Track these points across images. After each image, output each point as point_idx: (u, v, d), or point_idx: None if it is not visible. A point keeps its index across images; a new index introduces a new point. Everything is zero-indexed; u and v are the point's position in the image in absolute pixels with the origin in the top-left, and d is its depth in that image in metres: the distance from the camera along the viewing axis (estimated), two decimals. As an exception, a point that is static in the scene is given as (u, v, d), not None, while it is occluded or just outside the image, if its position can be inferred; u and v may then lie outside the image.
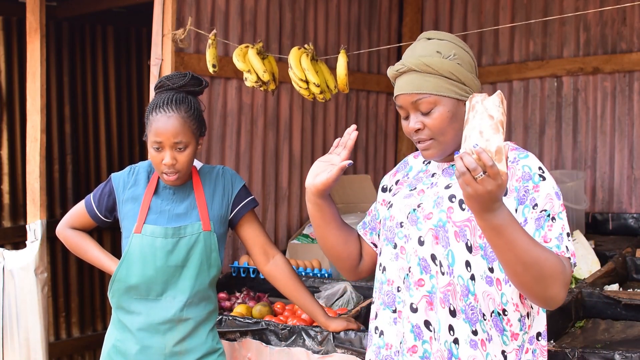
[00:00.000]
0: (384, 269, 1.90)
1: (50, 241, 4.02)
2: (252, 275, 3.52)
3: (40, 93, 3.70)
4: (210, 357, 2.41)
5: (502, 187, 1.48)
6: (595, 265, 3.35)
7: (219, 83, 3.86)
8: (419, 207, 1.81)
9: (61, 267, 5.13)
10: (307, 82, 2.93)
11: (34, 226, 3.66)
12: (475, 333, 1.73)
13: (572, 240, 1.70)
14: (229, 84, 3.91)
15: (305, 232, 4.14)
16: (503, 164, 1.47)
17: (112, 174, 2.48)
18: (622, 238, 4.27)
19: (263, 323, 2.78)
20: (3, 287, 3.74)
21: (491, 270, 1.72)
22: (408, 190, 1.89)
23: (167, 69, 3.17)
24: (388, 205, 1.92)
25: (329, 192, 1.94)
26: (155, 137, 2.26)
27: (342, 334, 2.56)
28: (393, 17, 5.19)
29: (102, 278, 5.36)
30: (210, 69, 3.03)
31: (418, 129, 1.78)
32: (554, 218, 1.67)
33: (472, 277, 1.73)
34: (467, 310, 1.73)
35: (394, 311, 1.86)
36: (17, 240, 4.71)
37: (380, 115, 5.07)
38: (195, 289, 2.36)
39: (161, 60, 3.19)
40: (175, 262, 2.34)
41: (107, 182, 2.47)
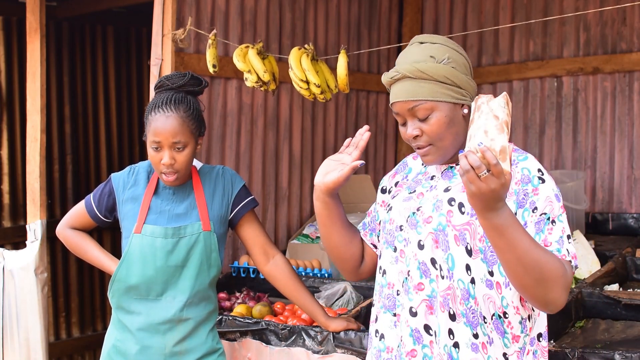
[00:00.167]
0: (384, 272, 1.89)
1: (50, 241, 4.02)
2: (252, 275, 3.52)
3: (40, 93, 3.70)
4: (210, 357, 2.41)
5: (506, 186, 1.48)
6: (595, 265, 3.35)
7: (219, 83, 3.86)
8: (418, 210, 1.81)
9: (61, 267, 5.13)
10: (307, 83, 2.93)
11: (34, 226, 3.66)
12: (476, 336, 1.73)
13: (572, 242, 1.69)
14: (229, 84, 3.91)
15: (305, 232, 4.14)
16: (507, 163, 1.48)
17: (112, 174, 2.48)
18: (622, 238, 4.27)
19: (263, 323, 2.78)
20: (3, 287, 3.74)
21: (491, 273, 1.72)
22: (407, 193, 1.89)
23: (167, 69, 3.17)
24: (387, 207, 1.92)
25: (337, 191, 1.94)
26: (154, 137, 2.26)
27: (342, 334, 2.56)
28: (393, 17, 5.19)
29: (102, 278, 5.36)
30: (211, 69, 3.03)
31: (416, 136, 1.77)
32: (554, 221, 1.67)
33: (472, 281, 1.72)
34: (467, 314, 1.73)
35: (394, 315, 1.85)
36: (17, 240, 4.71)
37: (380, 115, 5.07)
38: (195, 289, 2.36)
39: (161, 60, 3.19)
40: (175, 262, 2.34)
41: (107, 182, 2.47)
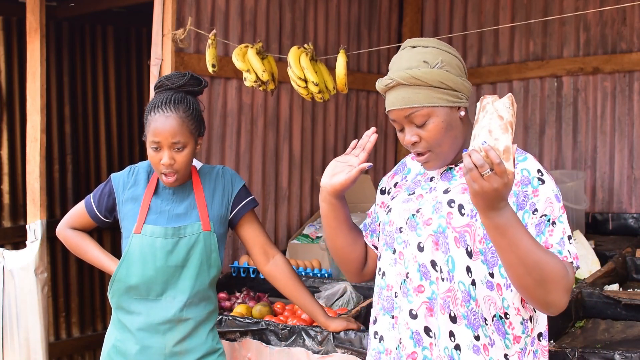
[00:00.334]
0: (383, 274, 1.89)
1: (50, 241, 4.02)
2: (252, 275, 3.52)
3: (40, 93, 3.70)
4: (210, 357, 2.41)
5: (509, 185, 1.49)
6: (595, 265, 3.34)
7: (219, 83, 3.86)
8: (417, 212, 1.80)
9: (61, 267, 5.13)
10: (305, 81, 2.93)
11: (34, 226, 3.67)
12: (477, 338, 1.72)
13: (573, 242, 1.69)
14: (229, 84, 3.91)
15: (305, 232, 4.14)
16: (510, 163, 1.48)
17: (112, 174, 2.48)
18: (622, 238, 4.27)
19: (263, 323, 2.78)
20: (3, 287, 3.74)
21: (492, 275, 1.72)
22: (406, 194, 1.88)
23: (167, 69, 3.17)
24: (387, 209, 1.91)
25: (344, 193, 1.94)
26: (154, 137, 2.26)
27: (342, 334, 2.56)
28: (393, 17, 5.19)
29: (102, 278, 5.36)
30: (210, 69, 3.03)
31: (415, 142, 1.77)
32: (554, 223, 1.66)
33: (473, 283, 1.72)
34: (469, 316, 1.73)
35: (392, 317, 1.85)
36: (17, 240, 4.71)
37: (380, 115, 5.07)
38: (195, 289, 2.36)
39: (161, 60, 3.19)
40: (175, 262, 2.34)
41: (107, 183, 2.47)
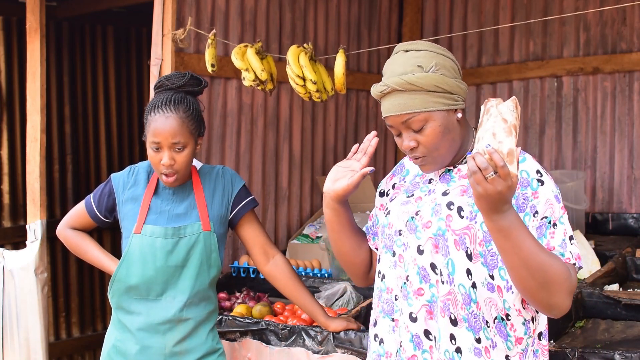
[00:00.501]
0: (383, 277, 1.89)
1: (50, 241, 4.02)
2: (252, 275, 3.52)
3: (40, 93, 3.70)
4: (210, 357, 2.41)
5: (512, 188, 1.49)
6: (595, 265, 3.34)
7: (219, 83, 3.86)
8: (417, 214, 1.80)
9: (61, 267, 5.13)
10: (304, 80, 2.93)
11: (34, 226, 3.66)
12: (478, 341, 1.72)
13: (574, 242, 1.69)
14: (229, 84, 3.91)
15: (305, 232, 4.14)
16: (514, 166, 1.48)
17: (112, 175, 2.48)
18: (622, 238, 4.27)
19: (263, 323, 2.78)
20: (3, 287, 3.74)
21: (492, 277, 1.72)
22: (405, 196, 1.88)
23: (167, 69, 3.17)
24: (386, 211, 1.91)
25: (347, 198, 1.94)
26: (154, 138, 2.26)
27: (342, 334, 2.56)
28: (393, 17, 5.19)
29: (102, 278, 5.36)
30: (209, 69, 3.03)
31: (413, 147, 1.76)
32: (555, 224, 1.66)
33: (473, 285, 1.72)
34: (469, 319, 1.72)
35: (392, 320, 1.85)
36: (17, 240, 4.71)
37: (380, 116, 5.05)
38: (195, 289, 2.36)
39: (161, 60, 3.19)
40: (175, 262, 2.34)
41: (107, 183, 2.47)
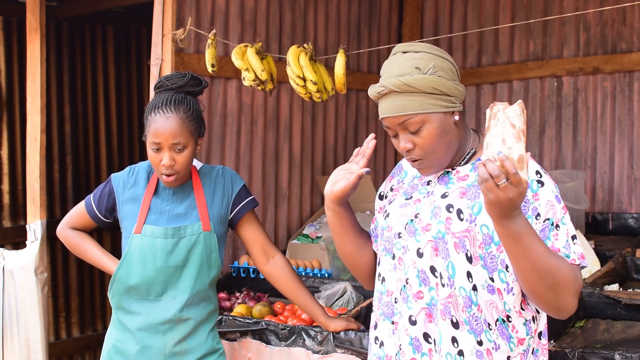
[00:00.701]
0: (383, 280, 1.89)
1: (50, 241, 4.02)
2: (252, 275, 3.52)
3: (40, 93, 3.70)
4: (210, 357, 2.41)
5: (523, 194, 1.49)
6: (595, 265, 3.34)
7: (219, 83, 3.86)
8: (416, 217, 1.80)
9: (61, 267, 5.13)
10: (304, 80, 2.93)
11: (34, 226, 3.66)
12: (480, 343, 1.72)
13: (577, 241, 1.69)
14: (229, 84, 3.91)
15: (305, 232, 4.14)
16: (525, 172, 1.48)
17: (112, 175, 2.47)
18: (622, 238, 4.27)
19: (263, 323, 2.78)
20: (3, 287, 3.74)
21: (492, 280, 1.72)
22: (404, 198, 1.88)
23: (167, 69, 3.17)
24: (385, 214, 1.91)
25: (347, 200, 1.94)
26: (154, 138, 2.25)
27: (342, 334, 2.56)
28: (393, 17, 5.19)
29: (102, 278, 5.36)
30: (209, 69, 3.03)
31: (409, 149, 1.76)
32: (557, 226, 1.66)
33: (474, 288, 1.72)
34: (471, 322, 1.72)
35: (392, 322, 1.85)
36: (17, 240, 4.71)
37: (380, 115, 5.06)
38: (195, 289, 2.36)
39: (161, 60, 3.19)
40: (175, 262, 2.34)
41: (107, 183, 2.47)
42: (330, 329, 2.56)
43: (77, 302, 5.25)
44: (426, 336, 1.78)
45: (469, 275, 1.72)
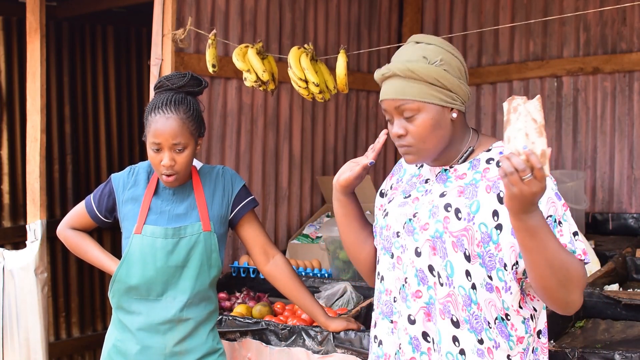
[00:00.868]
0: (382, 279, 1.89)
1: (50, 241, 4.02)
2: (252, 275, 3.52)
3: (40, 93, 3.70)
4: (210, 357, 2.41)
5: (544, 190, 1.49)
6: (595, 265, 3.34)
7: (219, 83, 3.86)
8: (414, 216, 1.80)
9: (61, 267, 5.13)
10: (306, 82, 2.93)
11: (34, 226, 3.66)
12: (481, 342, 1.72)
13: (579, 237, 1.70)
14: (229, 84, 3.91)
15: (305, 232, 4.14)
16: (547, 167, 1.48)
17: (112, 175, 2.48)
18: (622, 238, 4.27)
19: (263, 323, 2.78)
20: (3, 287, 3.74)
21: (490, 278, 1.72)
22: (402, 197, 1.88)
23: (167, 69, 3.17)
24: (384, 212, 1.92)
25: (352, 190, 1.98)
26: (154, 138, 2.26)
27: (342, 334, 2.56)
28: (393, 17, 5.19)
29: (102, 278, 5.36)
30: (210, 69, 3.03)
31: (401, 135, 1.77)
32: (560, 222, 1.67)
33: (473, 286, 1.72)
34: (471, 320, 1.73)
35: (391, 321, 1.86)
36: (17, 240, 4.71)
37: (380, 115, 5.06)
38: (195, 289, 2.36)
39: (161, 60, 3.19)
40: (176, 262, 2.34)
41: (107, 183, 2.47)
42: (330, 329, 2.56)
43: (77, 302, 5.25)
44: (425, 335, 1.78)
45: (467, 273, 1.72)
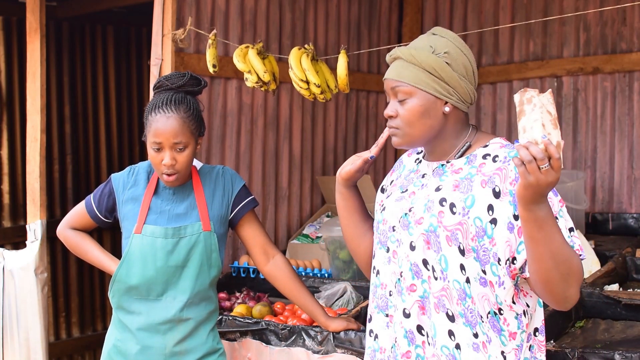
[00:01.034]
0: (377, 273, 1.90)
1: (50, 241, 4.02)
2: (252, 275, 3.52)
3: (40, 93, 3.70)
4: (210, 357, 2.41)
5: (557, 180, 1.51)
6: (595, 265, 3.34)
7: (219, 83, 3.85)
8: (410, 211, 1.82)
9: (61, 267, 5.13)
10: (307, 83, 2.93)
11: (34, 226, 3.66)
12: (476, 336, 1.73)
13: (575, 233, 1.70)
14: (229, 84, 3.91)
15: (305, 232, 4.14)
16: (561, 158, 1.50)
17: (112, 175, 2.48)
18: (622, 238, 4.27)
19: (263, 323, 2.78)
20: (3, 287, 3.74)
21: (484, 272, 1.72)
22: (400, 192, 1.90)
23: (167, 69, 3.17)
24: (382, 207, 1.93)
25: (354, 183, 2.02)
26: (155, 138, 2.26)
27: (342, 334, 2.56)
28: (393, 17, 5.19)
29: (102, 278, 5.36)
30: (211, 69, 3.03)
31: (391, 116, 1.81)
32: (556, 218, 1.67)
33: (467, 280, 1.73)
34: (466, 314, 1.73)
35: (386, 315, 1.87)
36: (17, 240, 4.71)
37: (380, 115, 5.06)
38: (195, 289, 2.36)
39: (161, 60, 3.19)
40: (176, 262, 2.34)
41: (107, 183, 2.47)
42: (330, 329, 2.56)
43: (77, 302, 5.25)
44: (420, 329, 1.79)
45: (462, 268, 1.73)
